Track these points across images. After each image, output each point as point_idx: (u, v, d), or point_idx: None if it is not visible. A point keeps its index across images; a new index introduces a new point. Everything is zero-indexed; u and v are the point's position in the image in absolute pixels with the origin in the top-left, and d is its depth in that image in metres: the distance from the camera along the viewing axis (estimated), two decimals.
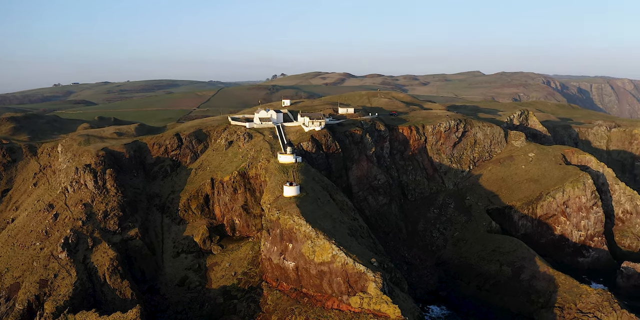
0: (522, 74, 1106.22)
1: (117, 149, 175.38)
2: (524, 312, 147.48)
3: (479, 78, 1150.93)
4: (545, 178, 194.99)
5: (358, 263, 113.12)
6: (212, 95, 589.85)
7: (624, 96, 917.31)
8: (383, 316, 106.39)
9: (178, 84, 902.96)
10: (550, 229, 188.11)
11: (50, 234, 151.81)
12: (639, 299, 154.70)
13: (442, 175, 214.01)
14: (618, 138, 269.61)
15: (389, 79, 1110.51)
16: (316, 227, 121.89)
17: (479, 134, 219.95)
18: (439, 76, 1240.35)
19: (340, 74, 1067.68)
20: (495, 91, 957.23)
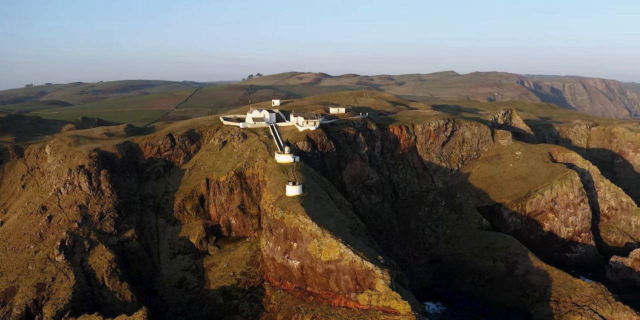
0: (495, 73, 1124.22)
1: (109, 150, 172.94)
2: (520, 306, 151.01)
3: (454, 78, 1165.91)
4: (534, 176, 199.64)
5: (366, 260, 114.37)
6: (189, 96, 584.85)
7: (596, 95, 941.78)
8: (393, 312, 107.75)
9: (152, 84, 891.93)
10: (539, 225, 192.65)
11: (44, 236, 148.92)
12: (627, 292, 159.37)
13: (431, 174, 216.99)
14: (598, 136, 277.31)
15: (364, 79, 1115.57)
16: (322, 225, 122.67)
17: (467, 133, 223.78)
18: (414, 76, 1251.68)
19: (316, 73, 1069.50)
20: (470, 91, 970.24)
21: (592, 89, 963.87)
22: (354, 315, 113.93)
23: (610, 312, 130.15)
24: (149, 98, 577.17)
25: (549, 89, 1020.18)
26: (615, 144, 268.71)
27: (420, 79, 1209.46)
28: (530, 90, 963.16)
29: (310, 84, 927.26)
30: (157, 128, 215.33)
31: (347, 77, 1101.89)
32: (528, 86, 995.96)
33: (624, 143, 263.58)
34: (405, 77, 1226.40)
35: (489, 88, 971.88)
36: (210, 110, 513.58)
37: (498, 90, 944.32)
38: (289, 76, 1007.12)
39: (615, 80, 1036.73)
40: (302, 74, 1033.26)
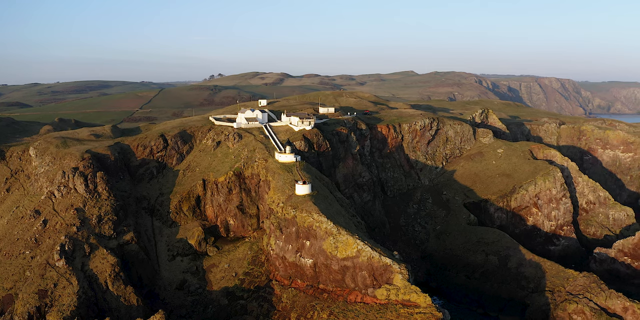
0: (454, 73, 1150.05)
1: (101, 151, 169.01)
2: (516, 297, 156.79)
3: (414, 78, 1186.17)
4: (517, 172, 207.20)
5: (384, 256, 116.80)
6: (153, 96, 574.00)
7: (552, 94, 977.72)
8: (413, 305, 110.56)
9: (110, 84, 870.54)
10: (523, 220, 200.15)
11: (40, 241, 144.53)
12: (611, 282, 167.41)
13: (418, 172, 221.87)
14: (567, 134, 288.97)
15: (326, 79, 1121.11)
16: (337, 223, 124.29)
17: (450, 132, 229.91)
18: (375, 76, 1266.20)
19: (278, 74, 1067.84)
20: (431, 90, 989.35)
21: (547, 88, 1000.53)
22: (373, 310, 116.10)
23: (604, 299, 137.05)
24: (111, 99, 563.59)
25: (506, 88, 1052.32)
26: (584, 142, 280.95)
27: (380, 78, 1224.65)
28: (488, 89, 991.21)
29: (273, 84, 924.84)
30: (143, 129, 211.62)
31: (309, 77, 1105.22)
32: (486, 86, 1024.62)
33: (592, 140, 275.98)
34: (365, 77, 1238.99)
35: (449, 87, 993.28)
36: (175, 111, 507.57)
37: (458, 90, 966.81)
38: (251, 76, 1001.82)
39: (570, 80, 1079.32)
40: (264, 74, 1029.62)
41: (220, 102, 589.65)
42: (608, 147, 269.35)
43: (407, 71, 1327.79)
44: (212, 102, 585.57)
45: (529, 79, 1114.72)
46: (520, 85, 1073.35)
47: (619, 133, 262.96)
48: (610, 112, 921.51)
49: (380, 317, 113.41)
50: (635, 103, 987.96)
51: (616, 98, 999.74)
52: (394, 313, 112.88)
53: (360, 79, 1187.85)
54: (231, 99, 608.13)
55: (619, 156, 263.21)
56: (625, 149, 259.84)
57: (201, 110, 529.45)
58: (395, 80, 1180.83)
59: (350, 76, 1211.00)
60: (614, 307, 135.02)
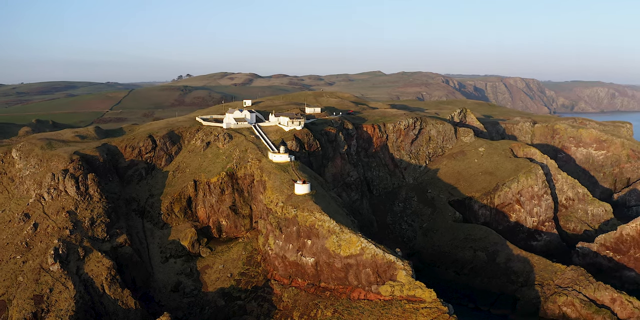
0: (421, 73, 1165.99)
1: (89, 153, 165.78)
2: (506, 291, 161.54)
3: (382, 78, 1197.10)
4: (499, 170, 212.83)
5: (387, 253, 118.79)
6: (123, 97, 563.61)
7: (517, 94, 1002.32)
8: (418, 301, 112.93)
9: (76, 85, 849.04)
10: (506, 216, 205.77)
11: (31, 245, 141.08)
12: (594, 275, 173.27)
13: (402, 171, 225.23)
14: (541, 133, 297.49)
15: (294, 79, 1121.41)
16: (339, 222, 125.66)
17: (433, 131, 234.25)
18: (342, 76, 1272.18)
19: (247, 74, 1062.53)
20: (399, 90, 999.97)
21: (513, 87, 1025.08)
22: (377, 306, 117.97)
23: (593, 291, 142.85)
24: (79, 100, 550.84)
25: (472, 88, 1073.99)
26: (557, 140, 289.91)
27: (349, 79, 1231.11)
28: (455, 89, 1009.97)
29: (242, 84, 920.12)
30: (126, 130, 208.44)
31: (278, 77, 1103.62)
32: (453, 85, 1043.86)
33: (566, 139, 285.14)
34: (334, 77, 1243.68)
35: (417, 88, 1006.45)
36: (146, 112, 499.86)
37: (426, 90, 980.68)
38: (220, 77, 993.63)
39: (535, 79, 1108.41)
40: (232, 75, 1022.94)
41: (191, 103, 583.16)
42: (581, 145, 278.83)
43: (374, 71, 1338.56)
44: (183, 103, 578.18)
45: (494, 78, 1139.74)
46: (486, 85, 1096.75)
47: (592, 131, 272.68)
48: (574, 111, 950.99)
49: (386, 313, 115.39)
50: (598, 102, 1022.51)
51: (580, 97, 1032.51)
52: (400, 309, 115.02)
53: (329, 79, 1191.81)
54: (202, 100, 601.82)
55: (592, 154, 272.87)
56: (598, 147, 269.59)
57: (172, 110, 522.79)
58: (364, 81, 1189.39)
59: (319, 76, 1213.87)
60: (602, 298, 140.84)
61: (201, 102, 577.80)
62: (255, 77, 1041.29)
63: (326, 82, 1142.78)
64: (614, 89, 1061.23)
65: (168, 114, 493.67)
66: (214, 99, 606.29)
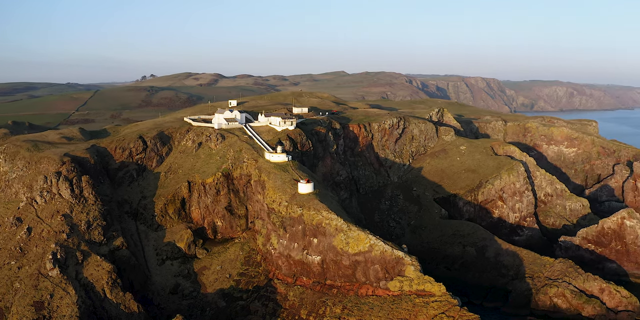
0: (385, 73, 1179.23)
1: (80, 155, 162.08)
2: (497, 284, 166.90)
3: (346, 78, 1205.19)
4: (482, 168, 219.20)
5: (396, 249, 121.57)
6: (89, 98, 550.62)
7: (478, 93, 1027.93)
8: (428, 295, 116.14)
9: (36, 86, 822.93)
10: (489, 212, 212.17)
11: (26, 250, 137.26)
12: None
13: (387, 169, 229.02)
14: (513, 131, 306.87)
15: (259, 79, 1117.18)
16: (347, 220, 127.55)
17: (415, 130, 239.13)
18: (307, 76, 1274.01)
19: (211, 74, 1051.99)
20: (364, 90, 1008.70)
21: (474, 87, 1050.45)
22: (387, 301, 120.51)
23: (582, 282, 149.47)
24: (44, 101, 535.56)
25: (435, 87, 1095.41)
26: (529, 138, 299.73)
27: (313, 79, 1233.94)
28: (419, 89, 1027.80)
29: (208, 84, 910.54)
30: (110, 131, 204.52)
31: (243, 77, 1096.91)
32: (416, 85, 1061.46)
33: (537, 137, 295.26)
34: (298, 77, 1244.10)
35: (381, 87, 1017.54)
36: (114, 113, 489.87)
37: (391, 90, 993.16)
38: (184, 77, 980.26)
39: (495, 79, 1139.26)
40: (197, 75, 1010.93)
41: (158, 103, 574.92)
42: (552, 143, 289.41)
43: (338, 71, 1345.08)
44: (150, 104, 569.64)
45: (455, 78, 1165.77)
46: (448, 85, 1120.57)
47: (563, 129, 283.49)
48: (533, 109, 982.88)
49: (397, 308, 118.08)
50: (557, 101, 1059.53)
51: (539, 96, 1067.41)
52: (410, 303, 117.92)
53: (293, 79, 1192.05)
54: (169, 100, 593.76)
55: (563, 151, 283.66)
56: (569, 145, 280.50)
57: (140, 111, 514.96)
58: (328, 81, 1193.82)
59: (283, 77, 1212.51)
60: (591, 289, 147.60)
61: (169, 103, 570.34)
62: (220, 77, 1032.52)
63: (291, 82, 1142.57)
64: (573, 88, 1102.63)
65: (136, 115, 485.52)
66: (181, 100, 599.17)
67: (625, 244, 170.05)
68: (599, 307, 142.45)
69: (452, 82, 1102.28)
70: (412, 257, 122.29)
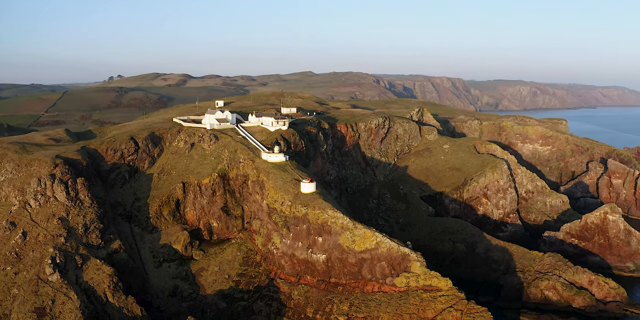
0: (352, 73, 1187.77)
1: (71, 156, 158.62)
2: (489, 279, 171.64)
3: (314, 78, 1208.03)
4: (466, 166, 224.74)
5: (402, 246, 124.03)
6: (57, 99, 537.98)
7: (444, 93, 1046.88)
8: (435, 289, 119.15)
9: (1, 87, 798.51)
10: (474, 209, 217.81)
11: (22, 255, 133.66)
12: None
13: (373, 169, 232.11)
14: (489, 130, 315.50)
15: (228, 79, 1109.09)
16: (352, 218, 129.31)
17: (400, 130, 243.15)
18: (274, 76, 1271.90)
19: (179, 75, 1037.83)
20: (333, 90, 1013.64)
21: (440, 86, 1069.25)
22: (394, 297, 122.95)
23: (572, 274, 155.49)
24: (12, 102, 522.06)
25: (402, 87, 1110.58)
26: (504, 137, 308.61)
27: (281, 79, 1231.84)
28: (386, 89, 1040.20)
29: (176, 85, 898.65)
30: (95, 132, 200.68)
31: (211, 77, 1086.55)
32: (384, 85, 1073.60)
33: (512, 135, 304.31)
34: (266, 77, 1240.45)
35: (350, 87, 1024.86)
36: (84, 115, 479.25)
37: (359, 90, 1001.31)
38: (152, 77, 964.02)
39: (460, 79, 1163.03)
40: (165, 75, 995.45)
41: (128, 104, 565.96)
42: (527, 141, 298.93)
43: (306, 71, 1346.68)
44: (120, 104, 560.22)
45: (422, 78, 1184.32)
46: (414, 85, 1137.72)
47: (538, 128, 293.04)
48: (498, 109, 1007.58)
49: (404, 303, 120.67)
50: (520, 100, 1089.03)
51: (503, 96, 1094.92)
52: (417, 298, 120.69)
53: (261, 79, 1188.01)
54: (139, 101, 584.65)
55: (538, 149, 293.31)
56: (543, 143, 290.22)
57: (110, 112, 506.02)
58: (297, 81, 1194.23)
59: (251, 77, 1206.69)
60: (581, 281, 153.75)
61: (139, 104, 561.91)
62: (189, 77, 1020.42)
63: (259, 82, 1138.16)
64: (536, 87, 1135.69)
65: (107, 116, 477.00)
66: (151, 100, 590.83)
67: (608, 237, 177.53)
68: (588, 299, 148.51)
69: (419, 82, 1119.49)
70: (418, 253, 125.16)
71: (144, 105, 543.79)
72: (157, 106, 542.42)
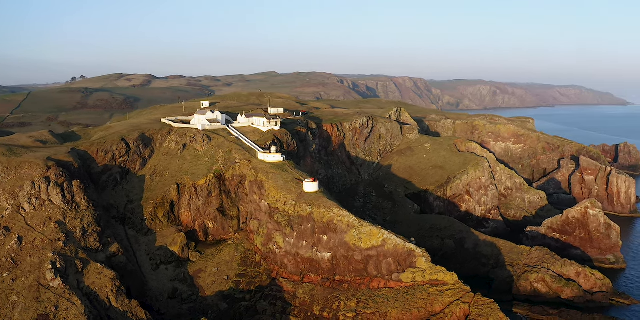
0: (316, 73, 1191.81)
1: (63, 158, 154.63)
2: (479, 273, 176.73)
3: (278, 78, 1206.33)
4: (448, 164, 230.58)
5: (407, 242, 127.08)
6: (22, 100, 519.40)
7: (406, 92, 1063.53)
8: (440, 284, 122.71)
9: None
10: (457, 206, 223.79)
11: (19, 261, 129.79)
12: None
13: (358, 168, 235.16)
14: (462, 129, 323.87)
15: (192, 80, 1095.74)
16: (358, 216, 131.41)
17: (382, 129, 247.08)
18: (238, 77, 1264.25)
19: (143, 75, 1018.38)
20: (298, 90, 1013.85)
21: (402, 86, 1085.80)
22: (400, 293, 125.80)
23: (560, 267, 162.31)
24: None
25: (365, 87, 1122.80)
26: (477, 135, 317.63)
27: (245, 79, 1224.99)
28: (350, 89, 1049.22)
29: (141, 85, 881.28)
30: (80, 133, 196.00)
31: (175, 78, 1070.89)
32: (348, 85, 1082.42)
33: (485, 134, 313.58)
34: (230, 77, 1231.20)
35: (314, 88, 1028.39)
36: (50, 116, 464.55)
37: (324, 90, 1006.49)
38: (116, 78, 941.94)
39: (422, 79, 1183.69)
40: (129, 76, 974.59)
41: (94, 105, 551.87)
42: (500, 140, 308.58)
43: (269, 72, 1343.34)
44: (86, 106, 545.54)
45: (384, 78, 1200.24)
46: (377, 85, 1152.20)
47: (510, 127, 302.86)
48: (459, 108, 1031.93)
49: (412, 298, 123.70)
50: (480, 99, 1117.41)
51: (464, 95, 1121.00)
52: (424, 293, 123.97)
53: (226, 79, 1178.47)
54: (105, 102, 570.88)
55: (510, 147, 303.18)
56: (515, 141, 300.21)
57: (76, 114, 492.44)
58: (261, 81, 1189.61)
59: (215, 77, 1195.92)
60: (568, 273, 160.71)
61: (105, 105, 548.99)
62: (153, 78, 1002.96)
63: (224, 82, 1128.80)
64: (495, 86, 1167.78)
65: (73, 117, 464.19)
66: (117, 101, 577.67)
67: (589, 231, 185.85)
68: (576, 290, 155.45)
69: (382, 82, 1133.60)
70: (422, 249, 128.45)
71: (111, 106, 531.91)
72: (124, 107, 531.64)
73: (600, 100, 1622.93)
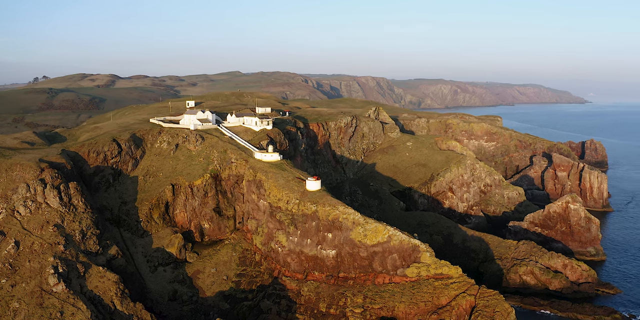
0: (280, 73, 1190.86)
1: (55, 160, 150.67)
2: (469, 268, 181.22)
3: (243, 78, 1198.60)
4: (431, 162, 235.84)
5: (412, 238, 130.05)
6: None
7: (370, 92, 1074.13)
8: (445, 277, 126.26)
9: None
10: (440, 203, 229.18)
11: (17, 266, 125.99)
12: None
13: (343, 166, 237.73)
14: (435, 127, 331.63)
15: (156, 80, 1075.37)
16: (363, 213, 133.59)
17: (365, 128, 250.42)
18: (202, 77, 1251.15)
19: (107, 75, 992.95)
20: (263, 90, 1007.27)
21: (365, 86, 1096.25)
22: (406, 287, 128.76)
23: (547, 259, 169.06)
24: None
25: (329, 86, 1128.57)
26: (450, 133, 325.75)
27: (209, 79, 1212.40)
28: (315, 88, 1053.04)
29: (105, 85, 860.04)
30: (64, 134, 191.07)
31: (139, 78, 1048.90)
32: (312, 85, 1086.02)
33: (458, 132, 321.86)
34: (194, 77, 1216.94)
35: (280, 87, 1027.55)
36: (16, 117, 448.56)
37: (289, 89, 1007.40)
38: (79, 78, 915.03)
39: (384, 78, 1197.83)
40: (92, 76, 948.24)
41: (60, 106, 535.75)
42: (473, 138, 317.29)
43: (233, 71, 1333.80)
44: (52, 106, 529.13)
45: (347, 78, 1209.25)
46: (341, 84, 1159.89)
47: (483, 125, 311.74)
48: (421, 107, 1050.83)
49: (418, 292, 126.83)
50: (442, 98, 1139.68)
51: (425, 94, 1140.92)
52: (430, 287, 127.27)
53: (190, 79, 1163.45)
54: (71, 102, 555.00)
55: (483, 145, 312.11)
56: (488, 139, 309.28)
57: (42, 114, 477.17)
58: (225, 81, 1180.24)
59: (179, 77, 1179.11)
60: (555, 265, 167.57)
61: (71, 105, 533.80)
62: (117, 78, 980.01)
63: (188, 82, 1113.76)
64: (456, 86, 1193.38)
65: (39, 118, 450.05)
66: (83, 102, 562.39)
67: (570, 225, 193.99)
68: (564, 281, 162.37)
69: (345, 82, 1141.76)
70: (426, 244, 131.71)
71: (77, 107, 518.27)
72: (90, 107, 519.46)
73: (558, 98, 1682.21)
